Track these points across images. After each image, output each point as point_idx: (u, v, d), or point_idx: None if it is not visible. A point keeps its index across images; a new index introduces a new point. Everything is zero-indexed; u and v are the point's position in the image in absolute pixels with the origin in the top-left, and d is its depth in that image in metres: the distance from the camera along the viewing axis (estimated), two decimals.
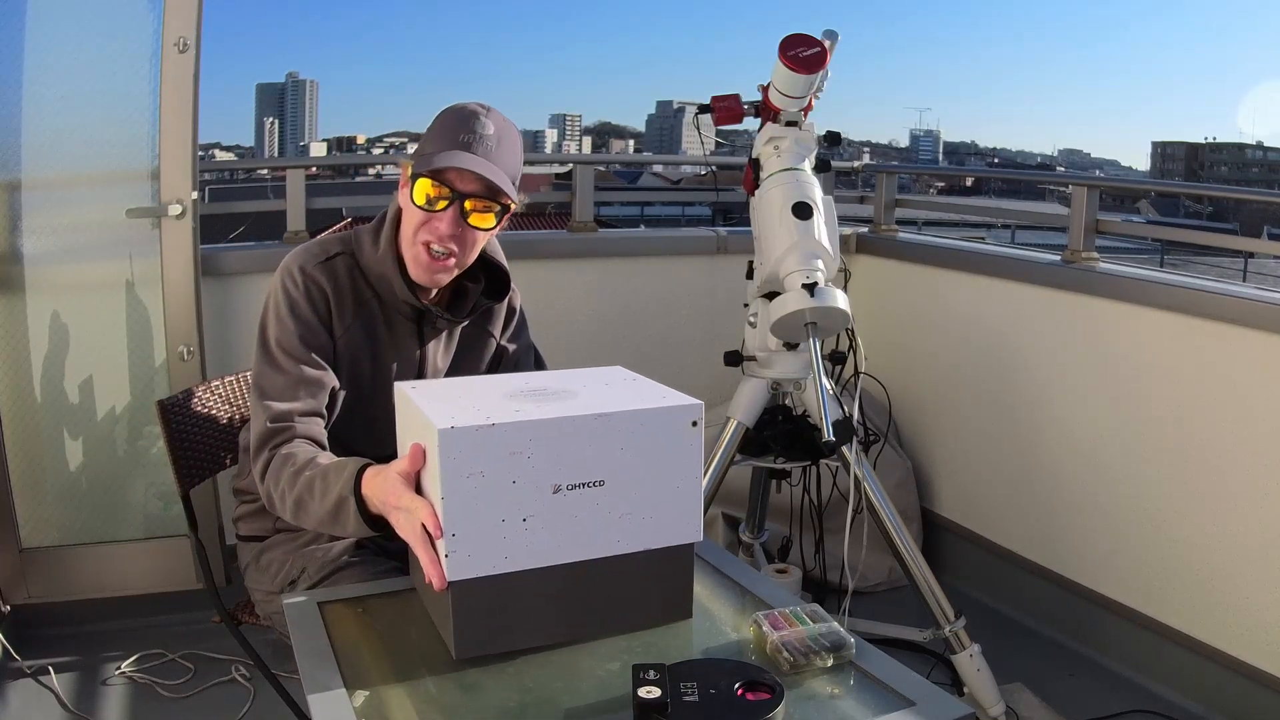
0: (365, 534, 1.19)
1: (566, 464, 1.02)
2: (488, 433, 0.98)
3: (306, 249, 1.41)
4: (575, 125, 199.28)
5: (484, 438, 0.98)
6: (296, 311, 1.35)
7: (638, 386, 1.14)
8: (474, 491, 0.98)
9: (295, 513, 1.25)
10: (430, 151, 1.31)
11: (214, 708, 2.14)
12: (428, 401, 1.05)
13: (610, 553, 1.06)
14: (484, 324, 1.52)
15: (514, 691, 0.99)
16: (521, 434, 0.99)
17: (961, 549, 2.81)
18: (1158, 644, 2.27)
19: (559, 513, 1.02)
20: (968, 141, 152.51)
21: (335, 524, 1.20)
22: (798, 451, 2.05)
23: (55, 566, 2.42)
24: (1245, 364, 2.08)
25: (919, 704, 0.96)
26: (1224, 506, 2.12)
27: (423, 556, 1.02)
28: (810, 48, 1.86)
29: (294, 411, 1.31)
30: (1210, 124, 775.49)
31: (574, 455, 1.02)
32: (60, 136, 2.33)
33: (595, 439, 1.03)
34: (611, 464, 1.04)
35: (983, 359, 2.70)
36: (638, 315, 2.88)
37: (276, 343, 1.34)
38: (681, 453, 1.07)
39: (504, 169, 1.33)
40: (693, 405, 1.07)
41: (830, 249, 1.82)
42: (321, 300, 1.37)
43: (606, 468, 1.03)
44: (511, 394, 1.09)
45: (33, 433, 2.40)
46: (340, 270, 1.39)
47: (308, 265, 1.37)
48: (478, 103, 1.35)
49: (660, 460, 1.06)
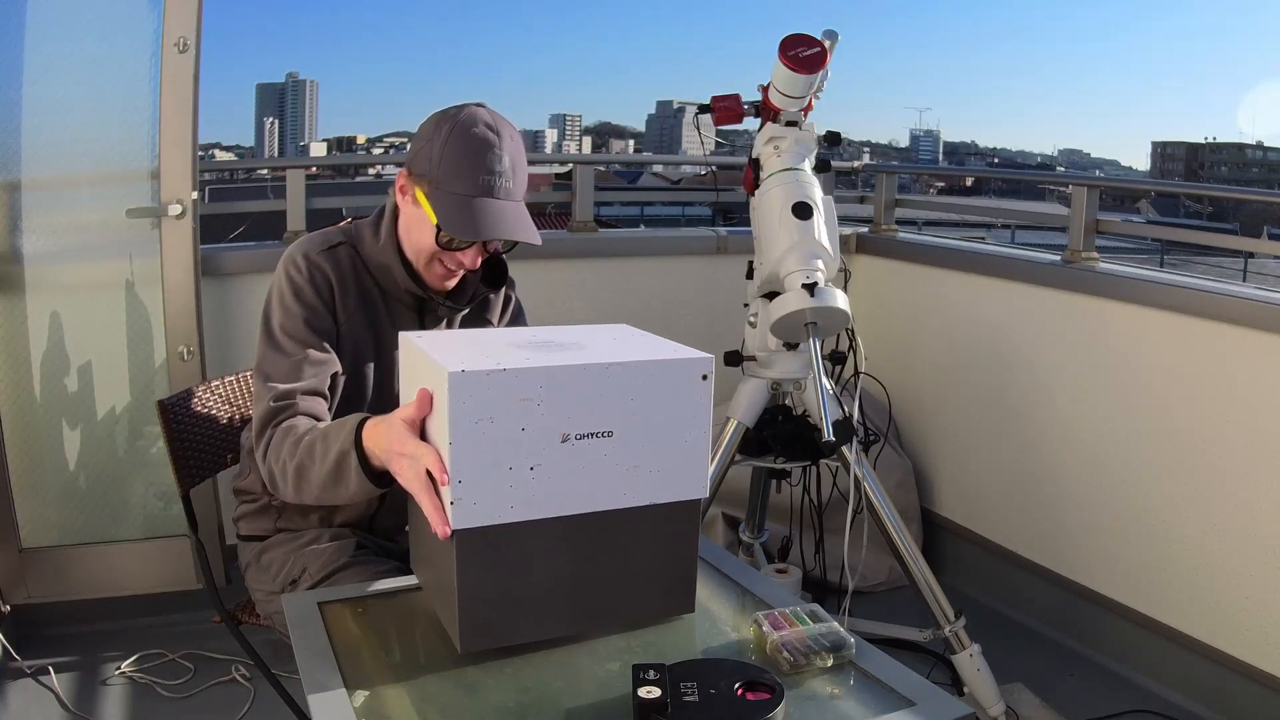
0: (366, 493, 1.17)
1: (576, 413, 1.01)
2: (499, 378, 0.97)
3: (309, 239, 1.42)
4: (575, 125, 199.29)
5: (495, 382, 0.97)
6: (301, 297, 1.35)
7: (646, 340, 1.14)
8: (482, 437, 0.97)
9: (297, 483, 1.24)
10: (446, 188, 1.29)
11: (214, 708, 2.14)
12: (436, 349, 1.04)
13: (616, 505, 1.04)
14: (482, 312, 1.53)
15: (513, 691, 0.99)
16: (532, 380, 0.98)
17: (961, 549, 2.81)
18: (1158, 644, 2.27)
19: (567, 462, 1.01)
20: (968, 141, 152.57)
21: (337, 484, 1.18)
22: (798, 451, 2.05)
23: (55, 566, 2.42)
24: (1245, 364, 2.08)
25: (919, 704, 0.96)
26: (1224, 506, 2.12)
27: (426, 504, 1.01)
28: (810, 48, 1.86)
29: (297, 390, 1.31)
30: (1210, 124, 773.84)
31: (584, 404, 1.01)
32: (60, 136, 2.34)
33: (606, 388, 1.02)
34: (621, 415, 1.03)
35: (983, 359, 2.70)
36: (638, 315, 2.85)
37: (280, 328, 1.34)
38: (691, 406, 1.06)
39: (520, 197, 1.34)
40: (704, 359, 1.06)
41: (830, 249, 1.82)
42: (325, 286, 1.37)
43: (616, 418, 1.03)
44: (520, 344, 1.08)
45: (33, 433, 2.40)
46: (343, 259, 1.40)
47: (311, 253, 1.38)
48: (485, 113, 1.33)
49: (670, 413, 1.05)
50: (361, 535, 1.50)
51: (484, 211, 1.29)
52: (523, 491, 1.00)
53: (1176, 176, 68.07)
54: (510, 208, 1.31)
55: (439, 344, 1.08)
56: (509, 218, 1.30)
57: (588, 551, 1.06)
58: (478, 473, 0.98)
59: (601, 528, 1.06)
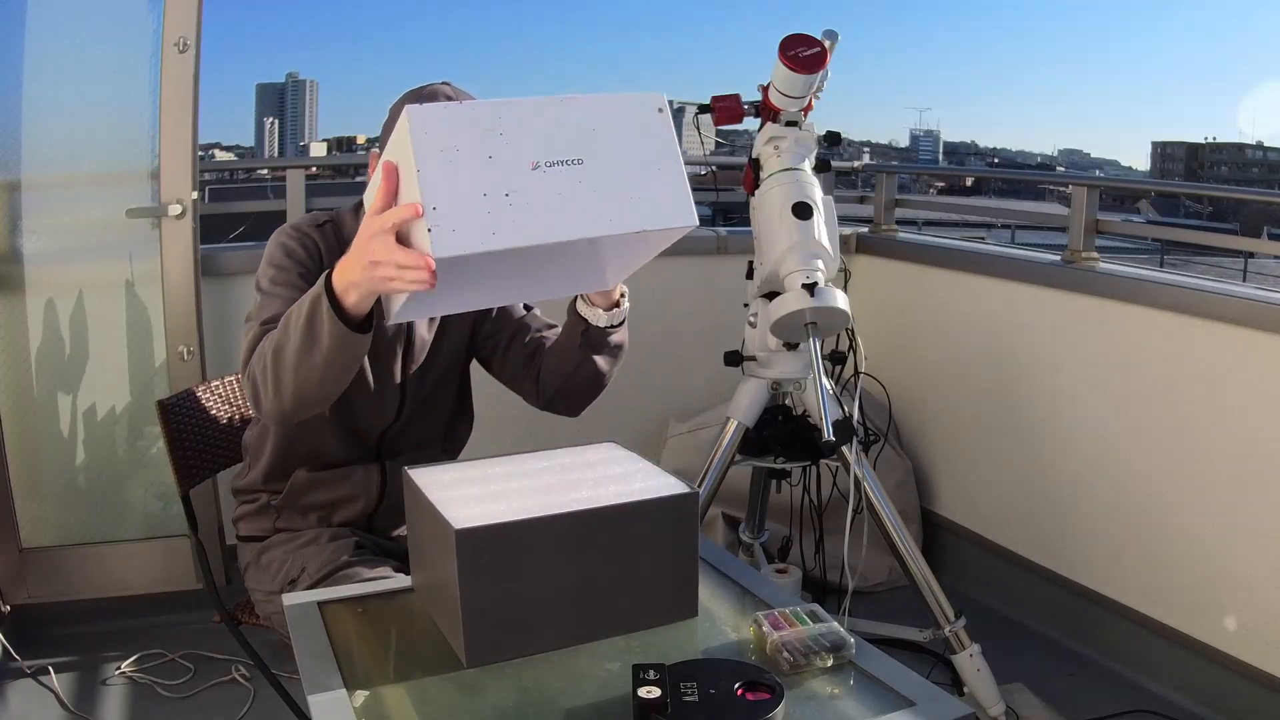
0: (341, 342, 1.12)
1: (542, 142, 1.02)
2: (456, 110, 1.00)
3: (298, 218, 1.47)
4: None
5: (453, 114, 1.00)
6: (293, 255, 1.38)
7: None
8: (450, 165, 0.98)
9: (276, 370, 1.19)
10: None
11: (214, 708, 2.14)
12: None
13: (604, 231, 1.03)
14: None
15: (513, 692, 0.99)
16: (491, 111, 1.01)
17: (961, 549, 2.81)
18: (1158, 644, 2.27)
19: (543, 189, 1.01)
20: (968, 141, 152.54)
21: (312, 344, 1.13)
22: (798, 451, 2.05)
23: (55, 566, 2.42)
24: (1245, 364, 2.08)
25: (919, 704, 0.96)
26: (1224, 506, 2.12)
27: (408, 256, 0.99)
28: (810, 48, 1.86)
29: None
30: (1210, 124, 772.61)
31: (548, 134, 1.02)
32: (60, 136, 2.34)
33: (565, 120, 1.03)
34: (587, 143, 1.04)
35: (983, 359, 2.70)
36: (637, 315, 2.86)
37: (271, 280, 1.36)
38: (655, 136, 1.07)
39: None
40: (654, 95, 1.08)
41: (830, 249, 1.82)
42: (315, 251, 1.40)
43: (583, 146, 1.03)
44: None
45: (33, 433, 2.40)
46: (330, 234, 1.43)
47: (301, 225, 1.43)
48: (448, 88, 1.36)
49: (636, 144, 1.06)
50: (360, 535, 1.50)
51: None
52: (502, 218, 0.98)
53: (1176, 176, 68.03)
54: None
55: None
56: None
57: (588, 554, 1.06)
58: (451, 198, 0.97)
59: (601, 528, 1.05)
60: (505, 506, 1.05)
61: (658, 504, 1.08)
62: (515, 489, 1.10)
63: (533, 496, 1.07)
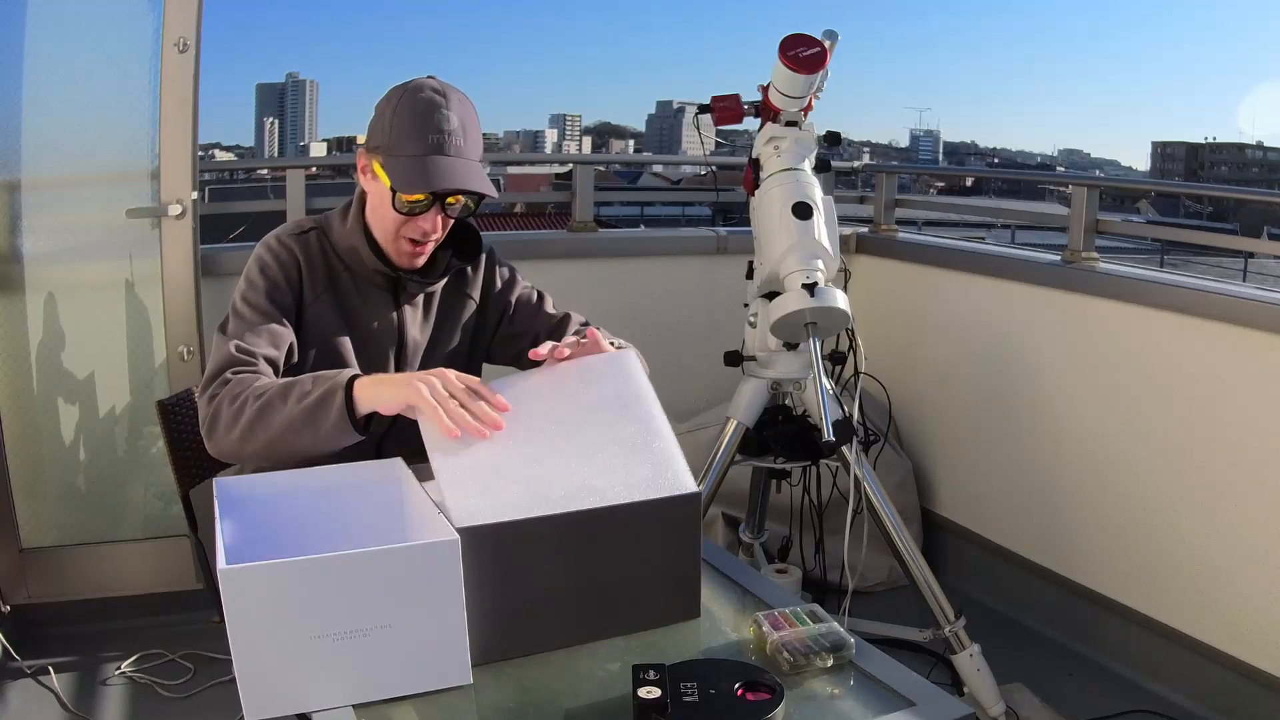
0: (338, 433, 1.19)
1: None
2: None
3: (283, 226, 1.47)
4: (575, 125, 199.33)
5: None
6: (267, 272, 1.39)
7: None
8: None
9: (250, 422, 1.22)
10: (398, 152, 1.33)
11: (214, 708, 2.14)
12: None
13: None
14: (461, 288, 1.53)
15: (514, 691, 0.99)
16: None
17: (961, 549, 2.81)
18: (1158, 644, 2.27)
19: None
20: (968, 141, 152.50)
21: (310, 424, 1.19)
22: (798, 451, 2.05)
23: (55, 566, 2.42)
24: (1245, 364, 2.08)
25: (919, 704, 0.96)
26: (1224, 506, 2.12)
27: (439, 421, 1.09)
28: (810, 48, 1.86)
29: (259, 353, 1.33)
30: (1210, 124, 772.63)
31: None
32: (60, 136, 2.34)
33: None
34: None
35: (983, 359, 2.70)
36: (637, 316, 2.88)
37: (243, 298, 1.39)
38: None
39: (474, 156, 1.37)
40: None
41: (830, 249, 1.82)
42: (292, 264, 1.41)
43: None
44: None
45: (33, 433, 2.40)
46: (313, 242, 1.44)
47: (282, 236, 1.43)
48: (431, 80, 1.36)
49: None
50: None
51: (435, 166, 1.32)
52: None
53: (1176, 176, 67.99)
54: (461, 163, 1.34)
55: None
56: (460, 171, 1.33)
57: (590, 554, 1.06)
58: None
59: (603, 528, 1.05)
60: (508, 496, 1.05)
61: (660, 504, 1.08)
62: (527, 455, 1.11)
63: (538, 482, 1.07)
